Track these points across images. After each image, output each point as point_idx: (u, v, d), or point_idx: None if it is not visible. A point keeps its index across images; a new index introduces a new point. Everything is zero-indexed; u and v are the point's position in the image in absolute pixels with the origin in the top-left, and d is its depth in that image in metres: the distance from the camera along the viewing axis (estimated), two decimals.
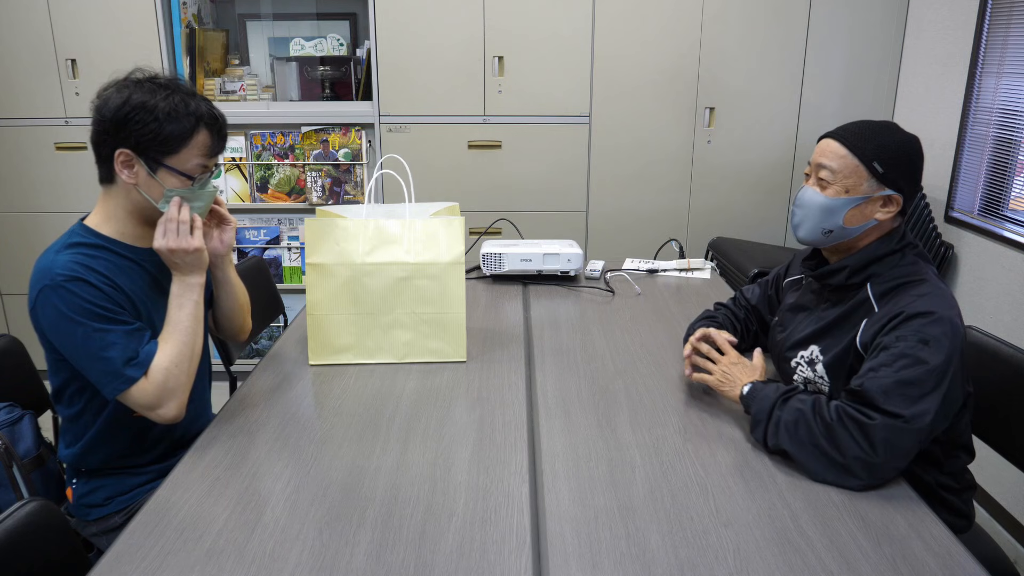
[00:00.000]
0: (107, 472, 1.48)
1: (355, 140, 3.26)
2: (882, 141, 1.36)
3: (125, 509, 1.48)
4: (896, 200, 1.36)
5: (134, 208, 1.41)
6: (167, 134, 1.34)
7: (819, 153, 1.41)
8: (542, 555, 1.05)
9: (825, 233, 1.40)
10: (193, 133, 1.36)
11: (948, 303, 1.28)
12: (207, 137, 1.38)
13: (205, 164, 1.40)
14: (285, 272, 3.44)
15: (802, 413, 1.26)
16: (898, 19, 3.10)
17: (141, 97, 1.33)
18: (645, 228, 3.32)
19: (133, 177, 1.36)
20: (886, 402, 1.20)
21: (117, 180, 1.38)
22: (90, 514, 1.49)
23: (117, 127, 1.33)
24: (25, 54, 3.14)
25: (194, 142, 1.37)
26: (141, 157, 1.35)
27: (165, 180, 1.37)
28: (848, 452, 1.20)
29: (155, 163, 1.36)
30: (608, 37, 3.12)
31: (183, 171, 1.37)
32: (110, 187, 1.41)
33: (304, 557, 1.04)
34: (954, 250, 2.76)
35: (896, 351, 1.24)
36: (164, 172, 1.36)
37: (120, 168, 1.35)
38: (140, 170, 1.36)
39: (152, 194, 1.38)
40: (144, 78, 1.38)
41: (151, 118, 1.32)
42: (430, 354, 1.69)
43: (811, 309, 1.50)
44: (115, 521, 1.48)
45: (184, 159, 1.37)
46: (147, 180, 1.37)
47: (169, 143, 1.34)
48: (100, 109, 1.35)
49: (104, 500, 1.48)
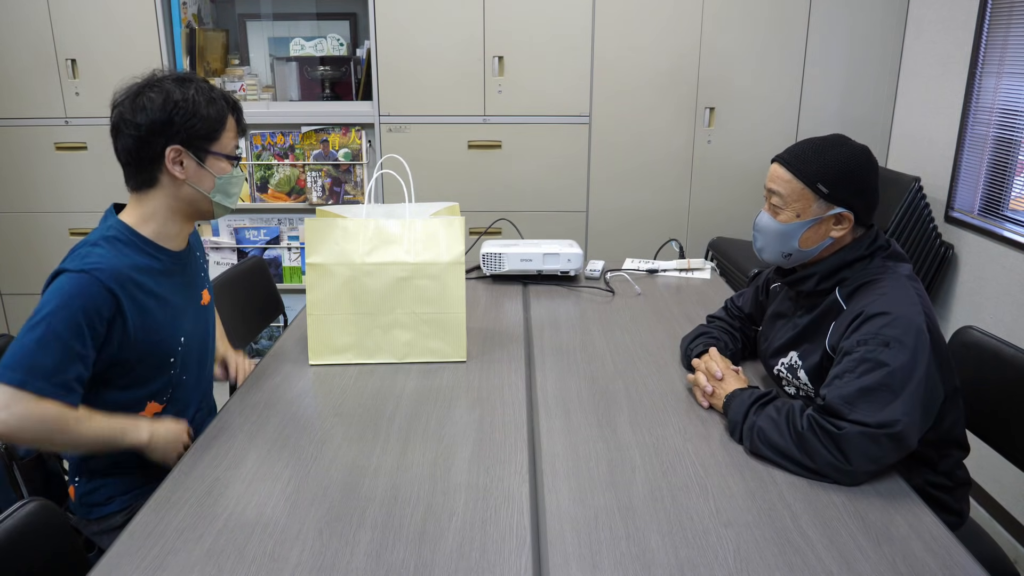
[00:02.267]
0: (110, 471, 1.48)
1: (355, 140, 3.26)
2: (825, 160, 1.35)
3: (127, 509, 1.48)
4: (847, 217, 1.36)
5: (179, 206, 1.44)
6: (209, 122, 1.40)
7: (769, 178, 1.42)
8: (542, 555, 1.05)
9: (785, 256, 1.42)
10: (226, 116, 1.43)
11: (907, 300, 1.28)
12: (234, 118, 1.46)
13: (237, 144, 1.48)
14: (285, 272, 3.44)
15: (775, 422, 1.27)
16: (898, 19, 3.10)
17: (178, 93, 1.37)
18: (645, 228, 3.32)
19: (184, 172, 1.40)
20: (851, 412, 1.19)
21: (160, 181, 1.40)
22: (92, 512, 1.49)
23: (164, 126, 1.36)
24: (25, 54, 3.14)
25: (228, 125, 1.44)
26: (190, 150, 1.39)
27: (213, 167, 1.43)
28: (819, 460, 1.21)
29: (203, 152, 1.41)
30: (608, 37, 3.12)
31: (227, 154, 1.44)
32: (149, 191, 1.42)
33: (304, 557, 1.04)
34: (954, 250, 2.76)
35: (857, 356, 1.24)
36: (211, 159, 1.42)
37: (171, 165, 1.38)
38: (190, 163, 1.40)
39: (204, 185, 1.43)
40: (164, 76, 1.41)
41: (194, 110, 1.37)
42: (430, 354, 1.69)
43: (788, 316, 1.51)
44: (116, 520, 1.48)
45: (225, 143, 1.44)
46: (197, 171, 1.41)
47: (212, 130, 1.41)
48: (138, 116, 1.36)
49: (106, 499, 1.48)
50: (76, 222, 3.33)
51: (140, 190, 1.42)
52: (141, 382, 1.43)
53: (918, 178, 2.74)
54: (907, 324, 1.24)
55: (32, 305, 1.33)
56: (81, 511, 1.50)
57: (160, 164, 1.38)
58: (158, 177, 1.40)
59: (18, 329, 3.20)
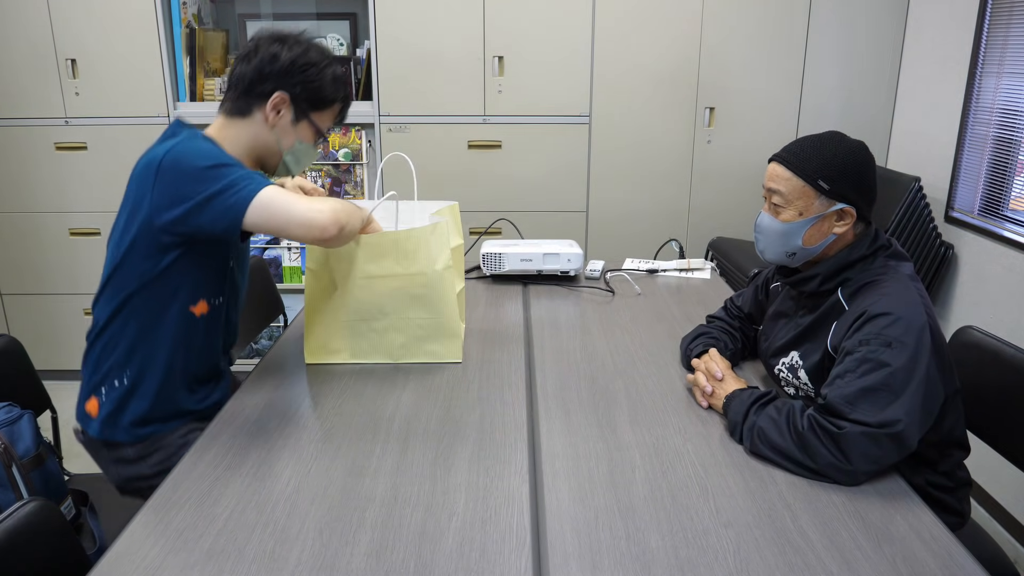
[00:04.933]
0: (142, 393, 1.48)
1: (355, 140, 3.26)
2: (824, 156, 1.35)
3: (148, 440, 1.49)
4: (849, 212, 1.36)
5: (254, 146, 1.51)
6: (326, 94, 1.51)
7: (768, 178, 1.42)
8: (542, 555, 1.05)
9: (789, 255, 1.42)
10: (338, 101, 1.55)
11: (909, 300, 1.28)
12: (341, 109, 1.58)
13: (330, 128, 1.59)
14: (285, 272, 3.44)
15: (776, 422, 1.27)
16: (898, 19, 3.10)
17: (316, 56, 1.49)
18: (645, 228, 3.32)
19: (276, 120, 1.49)
20: (852, 411, 1.20)
21: (253, 117, 1.49)
22: (116, 434, 1.48)
23: (287, 74, 1.46)
24: (25, 54, 3.14)
25: (335, 108, 1.55)
26: (293, 105, 1.49)
27: (301, 132, 1.52)
28: (820, 460, 1.21)
29: (302, 114, 1.50)
30: (608, 37, 3.12)
31: (319, 128, 1.54)
32: (237, 120, 1.50)
33: (304, 557, 1.04)
34: (954, 250, 2.76)
35: (859, 356, 1.24)
36: (304, 124, 1.52)
37: (271, 108, 1.47)
38: (286, 116, 1.49)
39: (284, 141, 1.52)
40: (316, 41, 1.53)
41: (319, 78, 1.49)
42: (425, 355, 1.69)
43: (790, 316, 1.51)
44: (128, 453, 1.49)
45: (324, 119, 1.54)
46: (287, 126, 1.50)
47: (323, 102, 1.51)
48: (277, 54, 1.46)
49: (135, 421, 1.48)
50: (76, 222, 3.33)
51: (232, 115, 1.50)
52: (208, 266, 1.48)
53: (918, 178, 2.74)
54: (909, 324, 1.24)
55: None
56: (99, 429, 1.48)
57: (263, 102, 1.47)
58: (253, 112, 1.48)
59: (18, 329, 3.18)
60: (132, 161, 1.45)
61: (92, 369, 1.50)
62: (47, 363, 3.36)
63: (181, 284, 1.45)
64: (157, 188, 1.36)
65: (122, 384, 1.48)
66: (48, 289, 3.36)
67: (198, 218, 1.35)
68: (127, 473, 1.53)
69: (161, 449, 1.51)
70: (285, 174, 1.58)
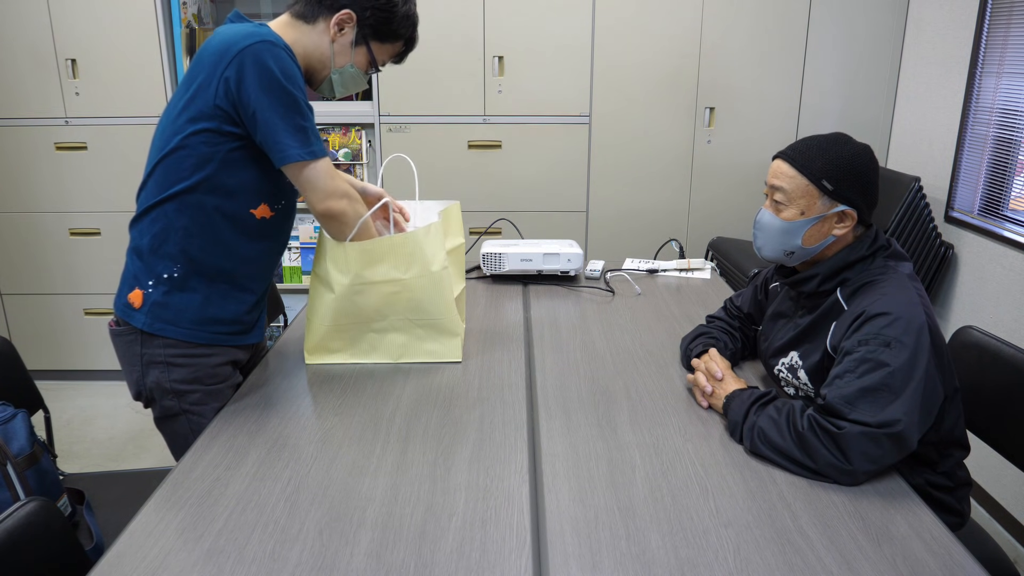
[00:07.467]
0: (193, 287, 1.47)
1: (355, 140, 3.26)
2: (830, 157, 1.35)
3: (185, 346, 1.47)
4: (851, 215, 1.36)
5: (307, 53, 1.50)
6: (393, 27, 1.52)
7: (772, 175, 1.42)
8: (542, 555, 1.05)
9: (787, 254, 1.42)
10: (401, 39, 1.56)
11: (908, 300, 1.28)
12: (404, 48, 1.59)
13: (384, 63, 1.59)
14: (285, 272, 3.44)
15: (775, 422, 1.27)
16: (898, 19, 3.10)
17: None
18: (645, 228, 3.32)
19: (336, 36, 1.49)
20: (852, 412, 1.20)
21: (316, 25, 1.49)
22: (162, 327, 1.46)
23: None
24: (25, 54, 3.14)
25: (397, 45, 1.56)
26: (358, 28, 1.50)
27: (358, 56, 1.53)
28: (820, 460, 1.21)
29: (363, 39, 1.51)
30: (608, 37, 3.12)
31: (376, 58, 1.55)
32: (300, 23, 1.49)
33: (304, 557, 1.04)
34: (954, 250, 2.76)
35: (858, 356, 1.25)
36: (362, 50, 1.53)
37: (334, 22, 1.48)
38: (347, 35, 1.50)
39: (337, 59, 1.52)
40: None
41: (391, 10, 1.50)
42: (425, 355, 1.69)
43: (789, 316, 1.51)
44: (160, 354, 1.47)
45: (384, 51, 1.56)
46: (344, 46, 1.51)
47: (388, 33, 1.52)
48: None
49: (174, 319, 1.46)
50: (76, 222, 3.33)
51: (297, 17, 1.49)
52: (271, 169, 1.46)
53: (918, 178, 2.74)
54: (908, 324, 1.24)
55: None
56: (143, 320, 1.46)
57: (330, 15, 1.48)
58: (319, 20, 1.48)
59: (18, 328, 3.19)
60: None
61: (137, 260, 1.47)
62: (47, 363, 3.36)
63: (243, 182, 1.44)
64: (230, 71, 1.34)
65: (172, 277, 1.46)
66: (48, 289, 3.35)
67: (252, 125, 1.37)
68: (152, 377, 1.49)
69: (193, 366, 1.49)
70: (328, 92, 1.57)
